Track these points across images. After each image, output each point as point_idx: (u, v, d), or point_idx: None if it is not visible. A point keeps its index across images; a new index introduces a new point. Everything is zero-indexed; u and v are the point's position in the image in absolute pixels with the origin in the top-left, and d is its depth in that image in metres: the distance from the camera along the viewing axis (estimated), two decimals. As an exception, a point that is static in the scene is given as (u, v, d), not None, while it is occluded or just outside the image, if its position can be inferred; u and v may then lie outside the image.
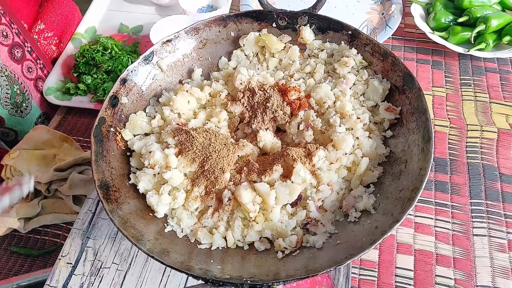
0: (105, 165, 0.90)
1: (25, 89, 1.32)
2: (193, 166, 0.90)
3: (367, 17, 1.56)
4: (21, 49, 1.30)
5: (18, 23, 1.32)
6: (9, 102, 1.27)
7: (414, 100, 0.90)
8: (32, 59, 1.36)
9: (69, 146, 1.26)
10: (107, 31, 1.58)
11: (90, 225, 1.01)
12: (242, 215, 0.85)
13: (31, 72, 1.35)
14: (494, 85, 1.36)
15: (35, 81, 1.36)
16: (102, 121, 0.93)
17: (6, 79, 1.24)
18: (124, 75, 0.99)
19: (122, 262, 0.95)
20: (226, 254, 0.84)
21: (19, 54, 1.29)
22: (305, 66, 1.05)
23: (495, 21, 1.35)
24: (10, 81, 1.25)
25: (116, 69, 1.39)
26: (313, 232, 0.84)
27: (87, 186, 1.17)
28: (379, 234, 0.74)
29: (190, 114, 1.02)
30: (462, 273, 1.01)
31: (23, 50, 1.31)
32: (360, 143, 0.91)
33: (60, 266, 0.95)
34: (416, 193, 0.76)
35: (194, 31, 1.08)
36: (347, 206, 0.86)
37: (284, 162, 0.88)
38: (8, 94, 1.26)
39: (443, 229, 1.08)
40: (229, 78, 1.06)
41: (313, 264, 0.76)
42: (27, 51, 1.34)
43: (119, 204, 0.85)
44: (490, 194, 1.13)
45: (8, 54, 1.26)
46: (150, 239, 0.81)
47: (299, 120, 0.96)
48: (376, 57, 1.00)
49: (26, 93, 1.33)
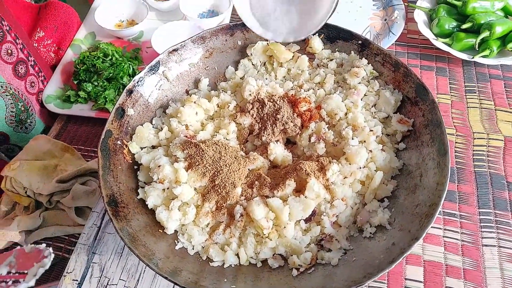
0: (113, 180, 0.87)
1: (28, 104, 1.30)
2: (204, 180, 0.88)
3: (369, 23, 1.55)
4: (25, 64, 1.28)
5: (23, 37, 1.29)
6: (14, 120, 1.25)
7: (428, 112, 0.88)
8: (35, 73, 1.34)
9: (71, 156, 1.22)
10: (106, 36, 1.55)
11: (95, 240, 0.98)
12: (255, 231, 0.84)
13: (33, 87, 1.33)
14: (499, 92, 1.36)
15: (37, 95, 1.34)
16: (108, 134, 0.91)
17: (10, 97, 1.22)
18: (130, 85, 0.96)
19: (129, 278, 0.93)
20: (239, 271, 0.82)
21: (22, 70, 1.27)
22: (315, 76, 1.03)
23: (499, 28, 1.35)
24: (15, 99, 1.23)
25: (117, 76, 1.36)
26: (328, 249, 0.83)
27: (90, 197, 1.14)
28: (397, 252, 0.73)
29: (198, 125, 1.00)
30: (473, 285, 1.00)
31: (26, 65, 1.29)
32: (373, 156, 0.89)
33: (66, 283, 0.93)
34: (434, 209, 0.75)
35: (200, 40, 1.06)
36: (361, 221, 0.85)
37: (297, 176, 0.86)
38: (13, 113, 1.24)
39: (452, 239, 1.07)
40: (237, 88, 1.04)
41: (330, 283, 0.74)
42: (30, 66, 1.32)
43: (128, 221, 0.83)
44: (498, 204, 1.12)
45: (12, 72, 1.24)
46: (161, 257, 0.79)
47: (310, 132, 0.95)
48: (387, 67, 0.98)
49: (29, 108, 1.31)
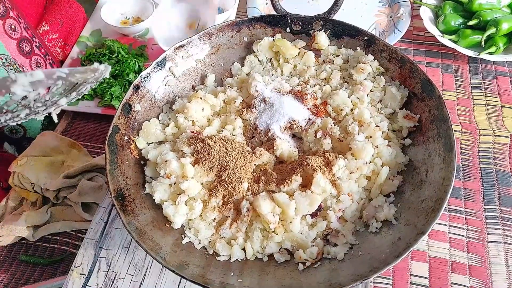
0: (120, 175, 0.88)
1: None
2: (210, 175, 0.88)
3: (375, 19, 1.54)
4: (29, 43, 1.27)
5: (25, 19, 1.29)
6: None
7: (434, 108, 0.89)
8: (41, 54, 1.32)
9: (77, 152, 1.23)
10: (112, 34, 1.56)
11: (102, 235, 0.99)
12: (261, 226, 0.84)
13: (40, 67, 1.31)
14: (505, 89, 1.35)
15: None
16: (116, 130, 0.91)
17: (14, 72, 1.20)
18: (137, 81, 0.97)
19: (136, 272, 0.93)
20: (245, 266, 0.82)
21: (27, 48, 1.26)
22: (321, 72, 1.03)
23: (505, 25, 1.35)
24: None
25: (123, 73, 1.37)
26: (334, 243, 0.83)
27: (96, 193, 1.15)
28: (403, 246, 0.73)
29: (204, 121, 1.00)
30: (478, 281, 1.00)
31: (31, 44, 1.28)
32: (379, 151, 0.89)
33: (73, 277, 0.93)
34: (440, 204, 0.75)
35: (206, 36, 1.06)
36: (367, 216, 0.85)
37: (303, 171, 0.86)
38: None
39: (458, 235, 1.07)
40: (243, 85, 1.05)
41: (336, 277, 0.74)
42: (35, 46, 1.30)
43: (135, 215, 0.83)
44: (504, 200, 1.12)
45: (17, 48, 1.22)
46: (168, 252, 0.80)
47: (316, 128, 0.95)
48: (393, 63, 0.98)
49: None
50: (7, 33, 1.20)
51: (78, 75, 0.60)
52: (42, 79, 0.55)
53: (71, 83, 0.62)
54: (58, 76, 0.57)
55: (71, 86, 0.64)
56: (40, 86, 0.56)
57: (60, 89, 0.62)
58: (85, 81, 0.65)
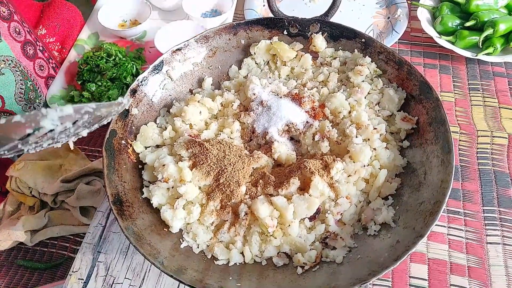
0: (118, 179, 0.88)
1: (37, 85, 1.30)
2: (208, 179, 0.88)
3: (373, 21, 1.54)
4: (33, 46, 1.28)
5: (28, 23, 1.30)
6: (22, 98, 1.24)
7: (432, 110, 0.89)
8: (44, 58, 1.34)
9: (75, 156, 1.23)
10: (110, 37, 1.56)
11: (100, 239, 0.99)
12: (260, 229, 0.84)
13: (42, 70, 1.33)
14: (503, 89, 1.35)
15: (46, 79, 1.35)
16: (113, 134, 0.91)
17: (20, 74, 1.22)
18: (134, 85, 0.96)
19: (135, 277, 0.93)
20: (244, 270, 0.82)
21: (31, 51, 1.27)
22: (318, 75, 1.03)
23: (503, 25, 1.35)
24: (24, 77, 1.24)
25: (121, 76, 1.37)
26: (333, 247, 0.83)
27: (94, 197, 1.14)
28: (402, 249, 0.73)
29: (202, 124, 1.00)
30: (478, 283, 1.00)
31: (35, 48, 1.29)
32: (377, 154, 0.89)
33: (72, 282, 0.93)
34: (439, 206, 0.75)
35: (204, 39, 1.06)
36: (366, 219, 0.85)
37: (301, 174, 0.86)
38: (22, 90, 1.24)
39: (456, 237, 1.07)
40: (241, 88, 1.04)
41: (335, 280, 0.74)
42: (38, 50, 1.32)
43: (133, 220, 0.83)
44: (502, 201, 1.12)
45: (21, 50, 1.24)
46: (166, 256, 0.80)
47: (314, 131, 0.95)
48: (390, 65, 0.98)
49: (38, 90, 1.31)
50: (12, 36, 1.22)
51: (104, 110, 0.62)
52: (71, 114, 0.56)
53: (97, 116, 0.63)
54: (86, 111, 0.58)
55: (96, 119, 0.65)
56: (68, 120, 0.57)
57: (86, 122, 0.63)
58: (109, 114, 0.66)
